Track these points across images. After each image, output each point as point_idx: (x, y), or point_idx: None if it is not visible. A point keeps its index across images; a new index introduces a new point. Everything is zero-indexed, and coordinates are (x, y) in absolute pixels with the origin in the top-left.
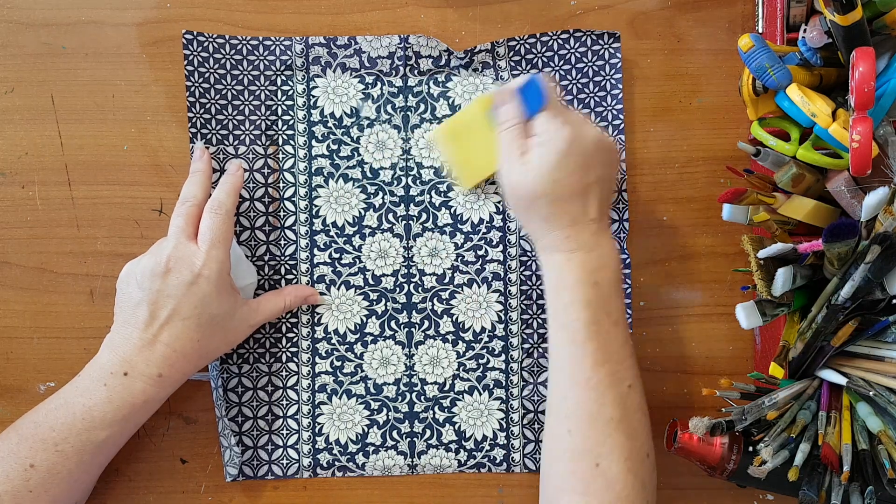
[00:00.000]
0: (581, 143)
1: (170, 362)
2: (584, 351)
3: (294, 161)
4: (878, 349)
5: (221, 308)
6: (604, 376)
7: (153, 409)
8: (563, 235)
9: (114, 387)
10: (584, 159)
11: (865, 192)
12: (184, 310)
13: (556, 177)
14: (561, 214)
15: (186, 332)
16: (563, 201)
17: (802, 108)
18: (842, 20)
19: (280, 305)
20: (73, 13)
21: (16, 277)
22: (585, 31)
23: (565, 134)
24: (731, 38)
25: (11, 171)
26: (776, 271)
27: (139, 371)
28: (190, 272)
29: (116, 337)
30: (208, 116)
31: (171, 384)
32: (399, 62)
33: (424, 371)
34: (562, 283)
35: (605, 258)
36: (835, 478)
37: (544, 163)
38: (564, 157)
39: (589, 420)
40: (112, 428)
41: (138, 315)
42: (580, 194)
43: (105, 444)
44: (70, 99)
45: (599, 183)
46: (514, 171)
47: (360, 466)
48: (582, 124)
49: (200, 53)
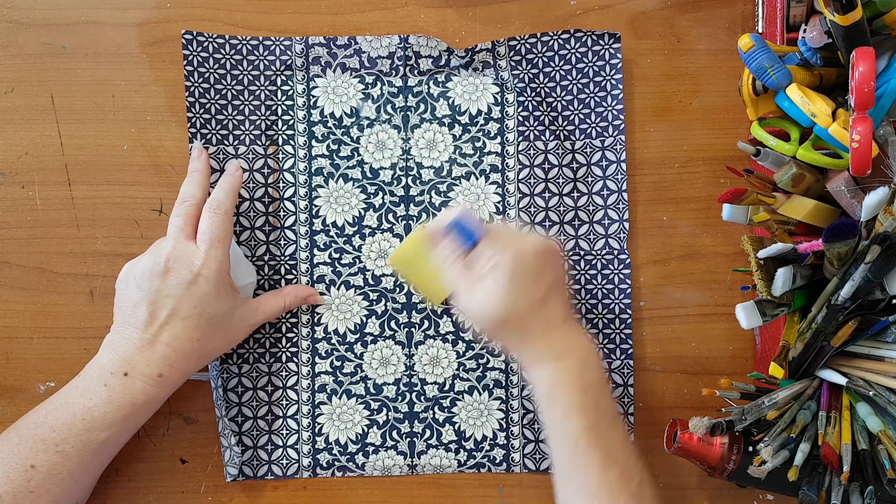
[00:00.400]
0: (524, 260)
1: (170, 362)
2: (588, 459)
3: (294, 161)
4: (878, 349)
5: (221, 307)
6: (613, 480)
7: (153, 409)
8: (541, 346)
9: (114, 387)
10: (533, 272)
11: (865, 192)
12: (183, 309)
13: (511, 299)
14: (531, 330)
15: (186, 332)
16: (527, 318)
17: (802, 108)
18: (842, 20)
19: (280, 305)
20: (73, 13)
21: (16, 277)
22: (586, 32)
23: (507, 258)
24: (731, 38)
25: (11, 171)
26: (776, 271)
27: (139, 371)
28: (189, 272)
29: (116, 337)
30: (208, 116)
31: (171, 384)
32: (399, 62)
33: (424, 371)
34: (552, 394)
35: (586, 359)
36: (835, 478)
37: (495, 291)
38: (512, 280)
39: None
40: (112, 428)
41: (138, 315)
42: (540, 306)
43: (106, 444)
44: (70, 99)
45: (555, 287)
46: (471, 304)
47: (359, 466)
48: (518, 240)
49: (200, 53)
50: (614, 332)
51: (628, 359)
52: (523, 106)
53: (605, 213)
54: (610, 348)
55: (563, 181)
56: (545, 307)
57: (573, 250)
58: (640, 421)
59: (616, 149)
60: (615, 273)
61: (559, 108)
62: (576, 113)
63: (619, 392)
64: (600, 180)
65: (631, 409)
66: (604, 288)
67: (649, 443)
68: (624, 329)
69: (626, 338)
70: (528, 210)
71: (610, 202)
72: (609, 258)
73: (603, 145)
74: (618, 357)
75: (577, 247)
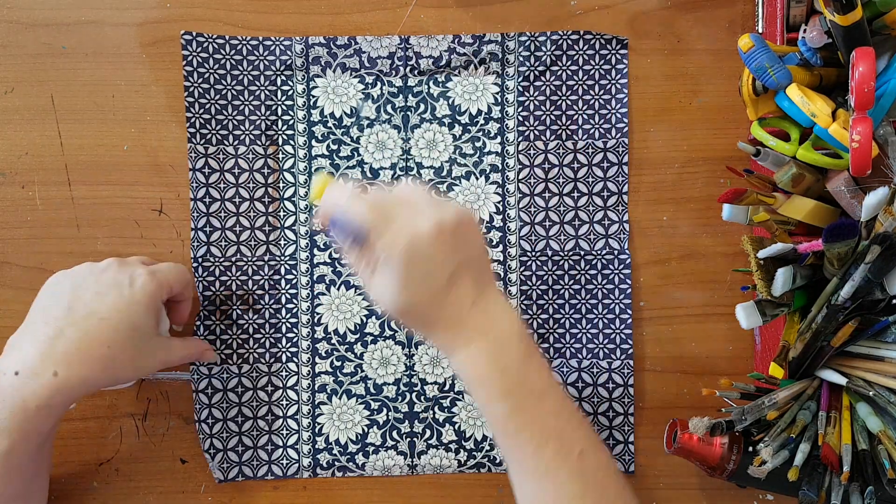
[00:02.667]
0: (419, 249)
1: (69, 360)
2: (519, 440)
3: (294, 161)
4: (878, 349)
5: (144, 323)
6: (549, 458)
7: (54, 417)
8: (449, 334)
9: (5, 388)
10: (431, 259)
11: (865, 192)
12: (106, 310)
13: (407, 294)
14: (435, 318)
15: (99, 335)
16: (429, 308)
17: (802, 108)
18: (842, 20)
19: (186, 352)
20: (73, 13)
21: (16, 277)
22: (595, 35)
23: (399, 250)
24: (731, 38)
25: (11, 171)
26: (776, 271)
27: (31, 368)
28: (128, 276)
29: (18, 336)
30: (208, 117)
31: (65, 388)
32: (399, 62)
33: (424, 371)
34: (470, 382)
35: (501, 339)
36: (835, 478)
37: (389, 285)
38: (407, 273)
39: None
40: (12, 436)
41: (54, 309)
42: (444, 292)
43: (11, 454)
44: (70, 99)
45: (462, 267)
46: (373, 290)
47: (360, 466)
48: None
49: (200, 54)
50: (614, 332)
51: (628, 359)
52: (523, 106)
53: (605, 213)
54: (610, 348)
55: (563, 181)
56: (450, 292)
57: (573, 250)
58: (640, 421)
59: (618, 151)
60: (615, 273)
61: (563, 107)
62: (580, 113)
63: (619, 392)
64: (601, 181)
65: (631, 409)
66: (604, 288)
67: (649, 443)
68: (624, 329)
69: (627, 338)
70: (528, 210)
71: (610, 203)
72: (609, 258)
73: (605, 146)
74: (618, 357)
75: (577, 247)
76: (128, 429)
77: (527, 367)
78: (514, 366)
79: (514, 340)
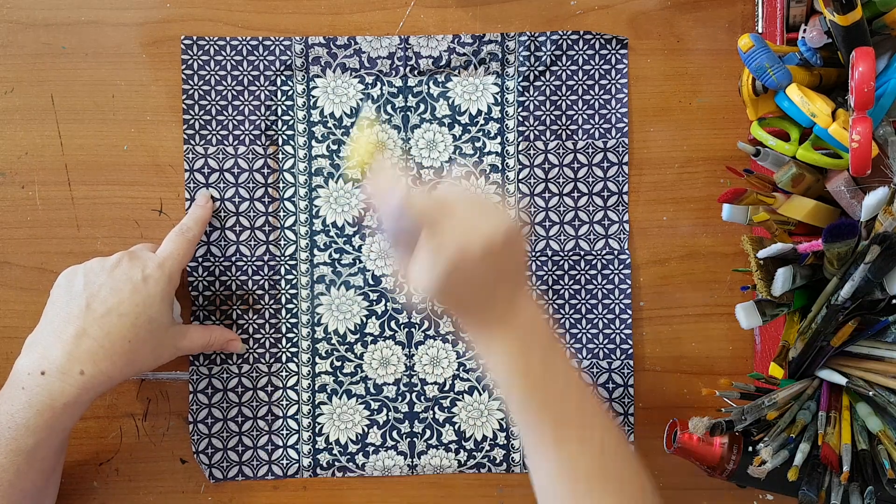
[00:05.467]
0: (465, 260)
1: (95, 358)
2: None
3: (294, 161)
4: (878, 349)
5: (161, 315)
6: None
7: (78, 413)
8: (481, 326)
9: (31, 388)
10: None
11: (865, 192)
12: (124, 306)
13: (447, 286)
14: (467, 307)
15: (120, 330)
16: (463, 299)
17: (802, 108)
18: (842, 20)
19: (206, 339)
20: (73, 13)
21: (16, 277)
22: (595, 35)
23: (445, 255)
24: (731, 38)
25: (11, 171)
26: (776, 271)
27: (58, 367)
28: (140, 270)
29: (38, 335)
30: (208, 117)
31: (92, 386)
32: (399, 62)
33: (424, 371)
34: (498, 374)
35: (530, 332)
36: (834, 478)
37: (430, 276)
38: (450, 275)
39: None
40: (39, 434)
41: (71, 308)
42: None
43: (36, 451)
44: (70, 99)
45: (505, 272)
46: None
47: (360, 466)
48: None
49: (200, 57)
50: (614, 332)
51: (628, 359)
52: (523, 106)
53: (605, 213)
54: (610, 348)
55: (563, 181)
56: (486, 291)
57: (573, 250)
58: (640, 421)
59: (618, 151)
60: (615, 273)
61: (563, 107)
62: (580, 113)
63: (619, 392)
64: (601, 181)
65: (631, 409)
66: (604, 288)
67: (649, 443)
68: (624, 329)
69: (626, 338)
70: (528, 210)
71: (610, 203)
72: (609, 258)
73: (605, 146)
74: (618, 357)
75: (577, 247)
76: (128, 429)
77: (551, 363)
78: (539, 361)
79: (539, 339)
